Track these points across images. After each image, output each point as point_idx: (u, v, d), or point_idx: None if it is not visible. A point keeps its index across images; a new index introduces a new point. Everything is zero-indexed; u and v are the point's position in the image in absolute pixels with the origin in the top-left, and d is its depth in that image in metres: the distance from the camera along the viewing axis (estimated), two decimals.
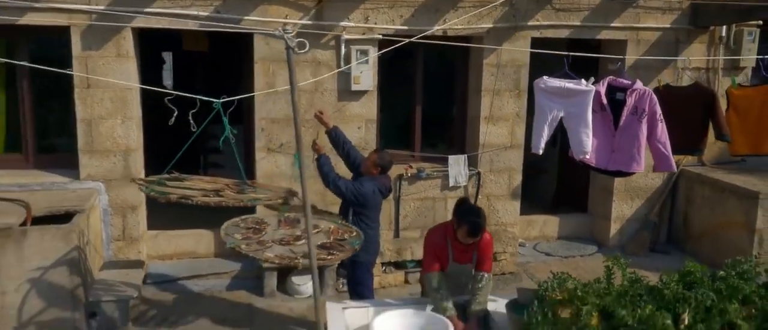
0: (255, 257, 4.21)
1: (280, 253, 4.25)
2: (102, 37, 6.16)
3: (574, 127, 4.46)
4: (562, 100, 4.46)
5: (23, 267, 5.41)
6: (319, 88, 6.67)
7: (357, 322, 4.09)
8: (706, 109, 4.86)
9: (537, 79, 4.67)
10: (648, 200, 7.74)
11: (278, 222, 4.84)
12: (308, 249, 3.89)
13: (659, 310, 3.19)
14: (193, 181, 5.14)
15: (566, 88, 4.48)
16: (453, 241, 4.12)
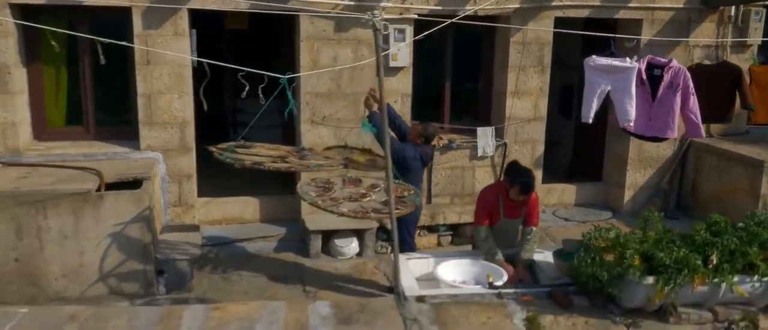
0: (331, 212, 4.73)
1: (352, 208, 4.78)
2: (161, 17, 6.63)
3: (619, 99, 5.03)
4: (609, 76, 5.04)
5: (99, 228, 5.94)
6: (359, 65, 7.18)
7: (419, 270, 4.65)
8: (732, 83, 5.45)
9: (587, 58, 5.23)
10: (659, 169, 8.32)
11: (343, 181, 5.34)
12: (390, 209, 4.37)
13: (691, 253, 3.77)
14: (258, 148, 5.67)
15: (613, 66, 5.06)
16: (505, 199, 4.69)
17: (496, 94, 7.90)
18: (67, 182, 5.98)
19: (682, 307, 3.84)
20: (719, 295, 3.87)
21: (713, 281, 3.80)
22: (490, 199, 4.74)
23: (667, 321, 3.83)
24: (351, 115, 7.29)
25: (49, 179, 6.06)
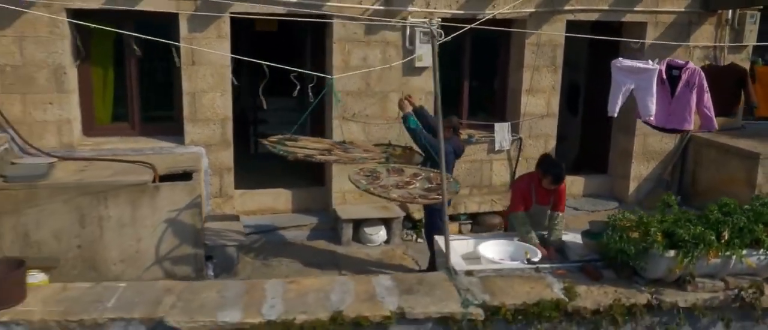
0: (383, 197, 5.26)
1: (400, 194, 5.31)
2: (205, 22, 7.14)
3: (641, 96, 5.62)
4: (633, 76, 5.63)
5: (155, 217, 6.43)
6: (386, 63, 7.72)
7: (460, 250, 5.20)
8: (738, 82, 6.08)
9: (614, 60, 5.82)
10: (662, 162, 8.93)
11: (387, 171, 5.86)
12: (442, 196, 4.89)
13: (706, 230, 4.35)
14: (304, 142, 6.21)
15: (637, 67, 5.66)
16: (537, 187, 5.27)
17: (511, 91, 8.47)
18: (125, 174, 6.46)
19: (698, 277, 4.41)
20: (730, 267, 4.45)
21: (725, 254, 4.38)
22: (525, 187, 5.32)
23: (685, 289, 4.40)
24: (378, 112, 7.83)
25: (107, 172, 6.55)
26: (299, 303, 4.11)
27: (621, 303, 4.27)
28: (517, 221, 5.30)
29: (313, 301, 4.15)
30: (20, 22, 6.72)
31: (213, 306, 4.05)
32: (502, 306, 4.14)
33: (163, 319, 3.90)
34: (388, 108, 7.83)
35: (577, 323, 4.25)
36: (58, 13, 6.75)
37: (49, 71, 6.93)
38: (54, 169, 6.51)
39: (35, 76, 6.91)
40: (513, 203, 5.42)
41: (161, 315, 3.93)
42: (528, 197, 5.30)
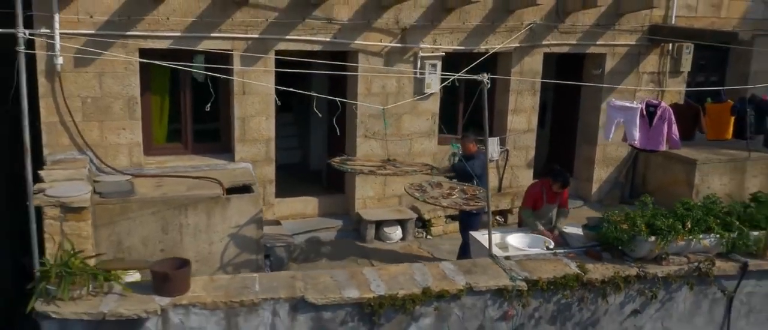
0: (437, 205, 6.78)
1: (448, 202, 6.86)
2: (254, 59, 8.48)
3: (628, 127, 7.42)
4: (622, 113, 7.42)
5: (225, 224, 7.75)
6: (401, 91, 9.25)
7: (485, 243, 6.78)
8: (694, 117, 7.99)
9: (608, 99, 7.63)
10: (618, 167, 10.83)
11: (430, 185, 7.38)
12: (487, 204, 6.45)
13: (676, 220, 6.11)
14: (356, 160, 7.68)
15: (625, 106, 7.51)
16: (548, 190, 6.97)
17: (498, 111, 10.16)
18: (199, 189, 7.75)
19: (670, 255, 6.16)
20: (691, 247, 6.22)
21: (688, 238, 6.14)
22: (537, 190, 7.02)
23: (661, 264, 6.14)
24: (393, 130, 9.35)
25: (182, 187, 7.81)
26: (395, 283, 5.61)
27: (619, 274, 5.97)
28: (526, 214, 6.99)
29: (404, 281, 5.66)
30: (100, 60, 7.88)
31: (334, 287, 5.50)
32: (539, 279, 5.76)
33: (304, 297, 5.31)
34: (402, 127, 9.38)
35: (589, 290, 5.92)
36: (132, 53, 7.95)
37: (123, 102, 8.12)
38: (135, 185, 7.72)
39: (111, 106, 8.08)
40: (525, 202, 7.14)
41: (301, 294, 5.34)
42: (539, 198, 7.00)
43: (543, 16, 9.70)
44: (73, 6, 7.66)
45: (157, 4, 7.94)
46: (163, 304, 5.17)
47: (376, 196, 9.55)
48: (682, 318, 6.33)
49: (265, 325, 5.32)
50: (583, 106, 10.76)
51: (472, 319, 5.71)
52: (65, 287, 5.08)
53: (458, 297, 5.61)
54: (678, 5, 10.38)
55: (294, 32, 8.58)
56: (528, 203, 7.07)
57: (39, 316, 5.06)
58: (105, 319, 5.03)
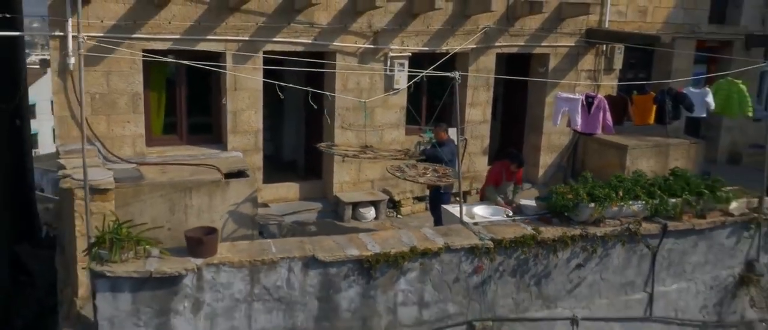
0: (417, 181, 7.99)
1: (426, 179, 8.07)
2: (245, 58, 9.51)
3: (572, 114, 8.83)
4: (567, 103, 8.80)
5: (225, 205, 8.76)
6: (373, 87, 10.43)
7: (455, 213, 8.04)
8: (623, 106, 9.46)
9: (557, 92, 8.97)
10: (560, 153, 12.31)
11: (407, 167, 8.59)
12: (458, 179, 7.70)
13: (610, 190, 7.52)
14: (339, 146, 8.82)
15: (569, 98, 8.86)
16: (506, 170, 8.28)
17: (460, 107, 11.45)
18: (200, 174, 8.74)
19: (606, 218, 7.56)
20: (623, 212, 7.63)
21: (620, 204, 7.54)
22: (498, 170, 8.36)
23: (599, 226, 7.52)
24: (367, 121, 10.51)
25: (185, 173, 8.77)
26: (386, 244, 6.79)
27: (566, 234, 7.31)
28: (489, 191, 8.31)
29: (394, 242, 6.85)
30: (107, 60, 8.78)
31: (337, 248, 6.64)
32: (503, 239, 7.05)
33: (314, 255, 6.44)
34: (375, 119, 10.57)
35: (542, 247, 7.24)
36: (137, 53, 8.88)
37: (128, 97, 9.04)
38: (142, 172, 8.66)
39: (117, 101, 8.99)
40: (488, 180, 8.46)
41: (311, 254, 6.46)
42: (499, 177, 8.33)
43: (495, 21, 11.05)
44: (84, 11, 8.54)
45: (159, 9, 8.89)
46: (198, 264, 6.21)
47: (352, 181, 10.71)
48: (616, 270, 7.74)
49: (282, 279, 6.43)
50: (530, 100, 12.20)
51: (450, 273, 6.96)
52: (116, 251, 6.05)
53: (438, 254, 6.84)
54: (610, 12, 11.94)
55: (280, 35, 9.66)
56: (490, 181, 8.39)
57: (94, 275, 6.02)
58: (151, 277, 6.04)
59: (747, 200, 8.42)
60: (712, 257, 8.27)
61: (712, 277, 8.36)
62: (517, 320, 7.39)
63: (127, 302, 6.09)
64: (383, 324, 6.85)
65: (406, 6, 10.36)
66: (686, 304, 8.26)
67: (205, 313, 6.30)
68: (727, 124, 14.33)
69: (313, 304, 6.59)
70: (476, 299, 7.14)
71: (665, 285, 8.07)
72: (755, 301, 8.54)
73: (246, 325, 6.43)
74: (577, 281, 7.58)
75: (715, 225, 8.11)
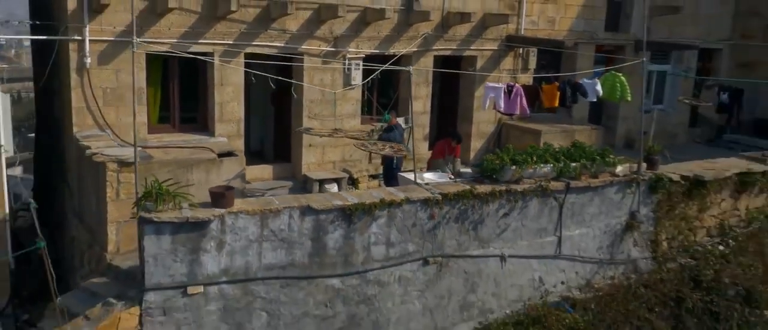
0: (377, 153, 10.13)
1: (386, 152, 10.23)
2: (230, 57, 11.41)
3: (497, 99, 11.19)
4: (493, 91, 11.16)
5: (219, 179, 10.59)
6: (334, 83, 12.52)
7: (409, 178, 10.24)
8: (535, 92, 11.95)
9: (486, 82, 11.30)
10: (487, 138, 14.76)
11: (369, 144, 10.72)
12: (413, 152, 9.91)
13: (527, 155, 9.93)
14: (315, 129, 10.86)
15: (494, 87, 11.22)
16: (448, 146, 10.60)
17: (403, 98, 13.71)
18: (198, 154, 10.58)
19: (524, 178, 9.93)
20: (537, 173, 10.03)
21: (534, 167, 9.94)
22: (442, 146, 10.65)
23: (519, 184, 9.87)
24: (329, 111, 12.59)
25: (185, 153, 10.58)
26: (362, 197, 8.90)
27: (495, 190, 9.62)
28: (436, 163, 10.60)
29: (367, 196, 8.97)
30: (118, 59, 10.51)
31: (325, 200, 8.69)
32: (448, 193, 9.28)
33: (309, 205, 8.47)
34: (335, 110, 12.66)
35: (478, 200, 9.52)
36: (141, 54, 10.65)
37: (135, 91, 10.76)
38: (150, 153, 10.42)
39: (125, 94, 10.72)
40: (434, 155, 10.76)
41: (307, 203, 8.49)
42: (443, 151, 10.63)
43: (433, 28, 13.38)
44: (98, 19, 10.26)
45: (159, 18, 10.69)
46: (222, 212, 8.14)
47: (317, 162, 12.76)
48: (532, 218, 10.12)
49: (285, 224, 8.42)
50: (462, 94, 14.59)
51: (409, 219, 9.13)
52: (160, 202, 7.91)
53: (401, 205, 9.00)
54: (525, 21, 14.50)
55: (258, 40, 11.63)
56: (437, 155, 10.71)
57: (142, 221, 7.84)
58: (187, 221, 7.92)
59: (629, 165, 11.00)
60: (604, 209, 10.79)
61: (605, 224, 10.89)
62: (460, 257, 9.64)
63: (168, 242, 7.95)
64: (360, 259, 8.95)
65: (360, 15, 12.52)
66: (586, 245, 10.75)
67: (226, 250, 8.23)
68: (623, 115, 17.18)
69: (308, 244, 8.62)
70: (429, 240, 9.34)
71: (570, 230, 10.53)
72: (637, 242, 11.14)
73: (257, 260, 8.40)
74: (504, 227, 9.92)
75: (606, 184, 10.64)
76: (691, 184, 11.47)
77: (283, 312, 8.61)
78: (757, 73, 18.20)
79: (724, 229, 12.01)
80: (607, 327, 10.04)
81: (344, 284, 8.90)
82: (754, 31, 18.56)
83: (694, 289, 10.65)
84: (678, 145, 17.01)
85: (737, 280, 10.85)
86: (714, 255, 11.38)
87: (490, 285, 9.94)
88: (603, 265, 10.92)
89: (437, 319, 9.60)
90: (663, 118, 17.73)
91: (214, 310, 8.27)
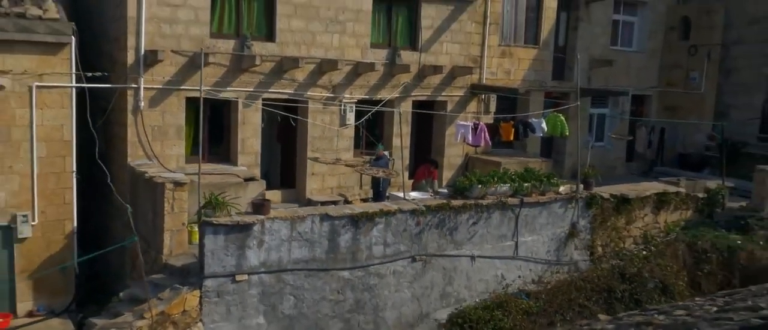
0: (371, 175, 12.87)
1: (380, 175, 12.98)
2: (250, 103, 14.12)
3: (465, 134, 14.09)
4: (463, 127, 14.10)
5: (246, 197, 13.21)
6: (332, 122, 15.31)
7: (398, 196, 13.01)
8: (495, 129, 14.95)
9: (457, 121, 14.24)
10: (457, 169, 17.63)
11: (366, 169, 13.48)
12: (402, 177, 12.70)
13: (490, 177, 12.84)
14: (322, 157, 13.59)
15: (464, 124, 14.20)
16: (427, 171, 13.44)
17: (387, 135, 16.55)
18: (229, 178, 13.18)
19: (488, 195, 12.77)
20: (498, 191, 12.88)
21: (496, 186, 12.80)
22: (423, 171, 13.46)
23: (484, 199, 12.70)
24: (328, 146, 15.34)
25: (217, 178, 13.18)
26: (365, 208, 11.62)
27: (466, 203, 12.43)
28: (419, 184, 13.40)
29: (369, 208, 11.68)
30: (163, 103, 13.15)
31: (339, 210, 11.38)
32: (430, 206, 12.07)
33: (327, 213, 11.14)
34: (333, 145, 15.42)
35: (453, 210, 12.31)
36: (182, 98, 13.30)
37: (175, 129, 13.39)
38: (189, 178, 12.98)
39: (168, 131, 13.32)
40: (417, 177, 13.56)
41: (325, 212, 11.15)
42: (424, 174, 13.44)
43: (411, 78, 16.35)
44: (150, 72, 12.91)
45: (197, 70, 13.39)
46: (262, 218, 10.75)
47: (318, 188, 15.44)
48: (495, 227, 12.94)
49: (308, 227, 11.05)
50: (435, 133, 17.51)
51: (401, 225, 11.85)
52: (217, 210, 10.49)
53: (395, 214, 11.74)
54: (486, 72, 17.59)
55: (272, 88, 14.40)
56: (419, 178, 13.54)
57: (204, 224, 10.39)
58: (237, 224, 10.50)
59: (570, 186, 13.98)
60: (551, 220, 13.70)
61: (552, 233, 13.78)
62: (440, 256, 12.39)
63: (222, 241, 10.52)
64: (364, 256, 11.62)
65: (353, 68, 15.41)
66: (537, 249, 13.60)
67: (264, 247, 10.81)
68: (569, 150, 20.30)
69: (325, 243, 11.26)
70: (416, 242, 12.07)
71: (524, 237, 13.38)
72: (577, 247, 14.04)
73: (287, 255, 11.00)
74: (473, 233, 12.72)
75: (551, 200, 13.57)
76: (619, 202, 14.49)
77: (306, 296, 11.18)
78: (679, 114, 21.64)
79: (647, 238, 15.02)
80: (555, 311, 12.81)
81: (352, 275, 11.54)
82: (676, 80, 22.08)
83: (621, 282, 13.54)
84: (617, 176, 20.15)
85: (655, 275, 13.79)
86: (638, 257, 14.34)
87: (463, 279, 12.68)
88: (551, 264, 13.77)
89: (423, 305, 12.28)
90: (604, 153, 21.01)
91: (255, 294, 10.80)
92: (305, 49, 14.71)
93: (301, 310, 11.14)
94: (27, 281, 12.10)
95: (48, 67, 11.77)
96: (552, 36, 19.29)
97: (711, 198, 16.07)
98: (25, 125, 11.71)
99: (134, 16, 12.67)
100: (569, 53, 19.85)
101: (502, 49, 18.19)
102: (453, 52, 17.06)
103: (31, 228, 12.00)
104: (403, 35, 16.40)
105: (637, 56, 21.68)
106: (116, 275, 13.76)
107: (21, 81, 11.57)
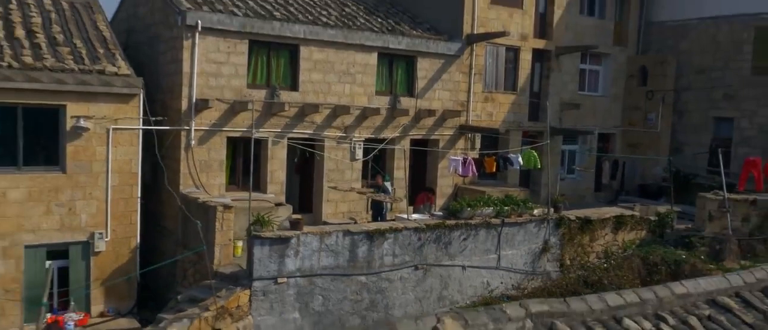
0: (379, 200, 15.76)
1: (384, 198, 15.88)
2: (276, 141, 17.03)
3: (456, 166, 17.06)
4: (454, 161, 17.08)
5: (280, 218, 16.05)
6: (344, 158, 18.24)
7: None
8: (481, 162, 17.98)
9: (449, 156, 17.25)
10: (448, 197, 20.57)
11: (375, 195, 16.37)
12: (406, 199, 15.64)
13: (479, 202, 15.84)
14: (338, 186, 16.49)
15: (455, 158, 17.18)
16: (426, 197, 16.38)
17: (388, 168, 19.50)
18: (262, 203, 16.00)
19: (476, 216, 15.70)
20: (484, 213, 15.81)
21: (482, 209, 15.73)
22: (422, 197, 16.37)
23: (472, 219, 15.61)
24: (340, 177, 18.22)
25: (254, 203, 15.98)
26: (378, 226, 14.49)
27: (458, 223, 15.34)
28: (419, 208, 16.33)
29: (382, 225, 14.56)
30: (209, 142, 16.02)
31: (357, 227, 14.23)
32: (428, 224, 14.97)
33: (349, 229, 13.98)
34: (344, 177, 18.32)
35: (448, 229, 15.21)
36: (223, 138, 16.20)
37: (218, 163, 16.24)
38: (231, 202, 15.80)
39: (212, 164, 16.17)
40: (418, 201, 16.48)
41: (347, 228, 14.00)
42: (424, 200, 16.36)
43: (409, 120, 19.38)
44: (200, 116, 15.82)
45: (235, 116, 16.31)
46: (298, 233, 13.57)
47: (332, 213, 18.29)
48: (481, 242, 15.84)
49: (334, 240, 13.87)
50: (429, 166, 20.50)
51: (407, 240, 14.72)
52: (264, 226, 13.31)
53: (401, 230, 14.61)
54: (472, 115, 20.69)
55: (296, 129, 17.34)
56: (419, 202, 16.46)
57: (253, 237, 13.18)
58: (279, 237, 13.30)
59: (542, 209, 16.98)
60: (528, 237, 16.64)
61: (528, 248, 16.70)
62: (437, 265, 15.24)
63: (267, 250, 13.33)
64: (377, 264, 14.45)
65: (361, 112, 18.43)
66: (516, 261, 16.51)
67: (299, 256, 13.63)
68: (544, 182, 23.30)
69: (346, 253, 14.09)
70: (418, 254, 14.94)
71: (505, 251, 16.29)
72: (550, 260, 16.96)
73: (317, 263, 13.81)
74: (464, 247, 15.62)
75: (527, 221, 16.53)
76: (583, 222, 17.48)
77: (331, 296, 13.96)
78: (640, 150, 24.88)
79: (607, 253, 17.98)
80: None
81: (368, 280, 14.35)
82: (636, 121, 25.36)
83: (585, 288, 16.43)
84: (586, 203, 23.18)
85: (613, 282, 16.71)
86: (600, 268, 17.27)
87: (456, 284, 15.53)
88: (528, 273, 16.66)
89: (424, 306, 15.09)
90: (575, 184, 24.11)
91: (292, 294, 13.57)
92: (322, 96, 17.72)
93: (328, 308, 13.91)
94: (100, 288, 14.76)
95: (121, 113, 14.63)
96: (528, 83, 22.50)
97: (661, 220, 19.12)
98: (103, 160, 14.51)
99: (188, 71, 15.63)
100: (543, 98, 23.05)
101: (485, 95, 21.33)
102: (444, 98, 20.17)
103: (105, 243, 14.70)
104: (402, 84, 19.50)
105: (602, 100, 24.95)
106: (166, 284, 16.42)
107: (101, 124, 14.41)
